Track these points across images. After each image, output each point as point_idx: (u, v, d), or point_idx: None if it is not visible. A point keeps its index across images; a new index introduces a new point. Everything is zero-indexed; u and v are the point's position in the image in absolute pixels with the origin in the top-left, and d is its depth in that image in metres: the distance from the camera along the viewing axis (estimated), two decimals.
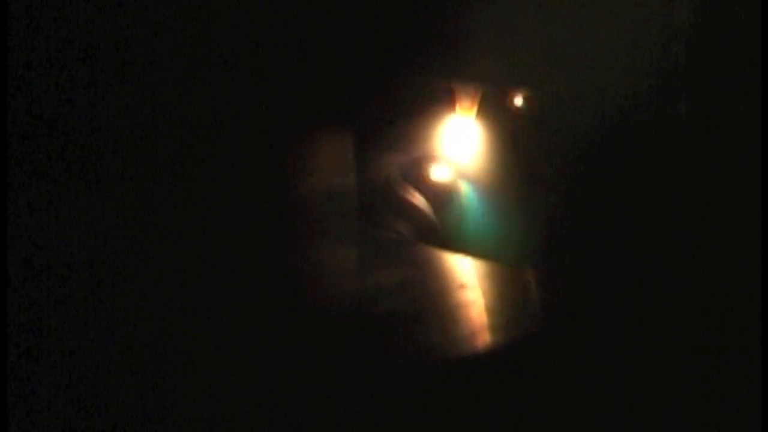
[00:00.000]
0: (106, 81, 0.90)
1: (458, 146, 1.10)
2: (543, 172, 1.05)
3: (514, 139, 1.07)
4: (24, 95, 0.86)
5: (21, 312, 0.80)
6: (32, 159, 0.87)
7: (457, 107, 1.09)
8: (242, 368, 0.80)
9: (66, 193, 0.88)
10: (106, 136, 0.90)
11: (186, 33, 0.92)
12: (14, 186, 0.83)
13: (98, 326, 0.82)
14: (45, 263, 0.86)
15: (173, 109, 0.93)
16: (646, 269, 0.95)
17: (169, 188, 0.92)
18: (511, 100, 1.07)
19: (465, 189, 1.10)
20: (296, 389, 0.79)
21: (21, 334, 0.78)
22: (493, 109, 1.08)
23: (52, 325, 0.82)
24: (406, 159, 1.10)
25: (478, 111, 1.09)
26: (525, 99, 1.06)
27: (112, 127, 0.90)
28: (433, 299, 0.95)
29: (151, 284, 0.88)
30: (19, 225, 0.84)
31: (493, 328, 0.91)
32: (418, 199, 1.09)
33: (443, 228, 1.09)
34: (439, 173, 1.10)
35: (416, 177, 1.10)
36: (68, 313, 0.83)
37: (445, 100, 1.09)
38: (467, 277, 1.01)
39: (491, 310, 0.95)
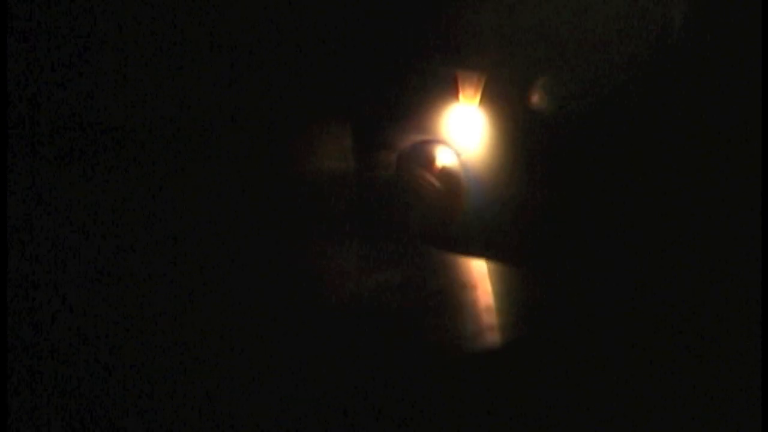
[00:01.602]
0: (107, 76, 0.90)
1: (461, 134, 1.09)
2: (543, 164, 1.04)
3: (517, 129, 1.06)
4: (24, 91, 0.86)
5: (21, 311, 0.81)
6: (33, 155, 0.87)
7: (461, 95, 1.09)
8: (240, 367, 0.80)
9: (67, 187, 0.88)
10: (106, 131, 0.90)
11: (186, 20, 0.92)
12: (14, 183, 0.83)
13: (98, 325, 0.83)
14: (45, 262, 0.86)
15: (172, 102, 0.93)
16: (646, 269, 0.94)
17: (166, 186, 0.92)
18: (515, 89, 1.06)
19: (468, 177, 1.09)
20: (294, 389, 0.79)
21: (21, 334, 0.79)
22: (496, 97, 1.07)
23: (52, 323, 0.82)
24: (409, 148, 1.10)
25: (481, 99, 1.08)
26: (529, 88, 1.05)
27: (112, 121, 0.90)
28: (434, 299, 0.95)
29: (149, 282, 0.88)
30: (19, 223, 0.84)
31: (494, 327, 0.91)
32: (425, 186, 1.07)
33: (449, 216, 1.08)
34: (442, 161, 1.09)
35: (421, 166, 1.09)
36: (69, 312, 0.83)
37: (448, 88, 1.08)
38: (468, 277, 1.01)
39: (492, 310, 0.94)
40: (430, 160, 1.08)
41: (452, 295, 0.96)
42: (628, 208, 0.97)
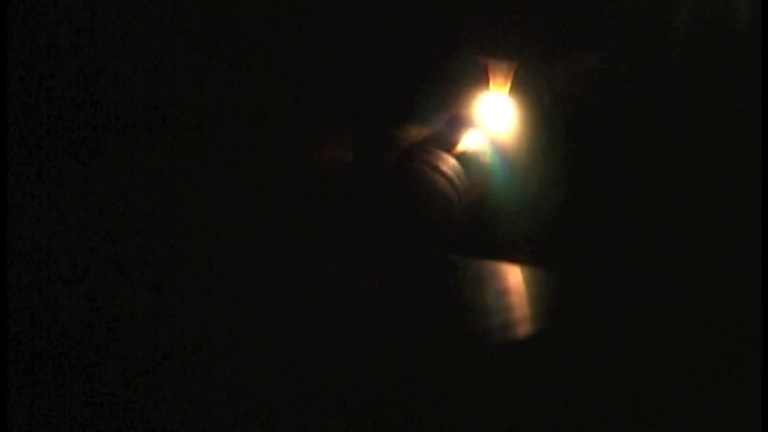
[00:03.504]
0: (109, 70, 0.90)
1: (490, 123, 1.07)
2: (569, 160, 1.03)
3: (544, 118, 1.04)
4: (24, 83, 0.86)
5: (22, 309, 0.80)
6: (31, 149, 0.87)
7: (491, 84, 1.05)
8: (239, 367, 0.80)
9: (68, 180, 0.88)
10: (112, 125, 0.90)
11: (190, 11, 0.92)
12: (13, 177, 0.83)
13: (98, 322, 0.82)
14: (46, 257, 0.86)
15: (175, 96, 0.92)
16: (652, 269, 0.95)
17: (167, 180, 0.92)
18: (544, 78, 1.03)
19: (492, 162, 1.08)
20: (296, 389, 0.79)
21: (21, 332, 0.78)
22: (526, 86, 1.05)
23: (53, 321, 0.82)
24: (434, 132, 1.08)
25: (512, 87, 1.06)
26: (557, 77, 1.03)
27: (113, 114, 0.90)
28: (438, 299, 0.95)
29: (149, 279, 0.88)
30: (19, 218, 0.84)
31: (499, 327, 0.91)
32: (449, 163, 1.06)
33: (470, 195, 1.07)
34: (467, 144, 1.07)
35: (445, 146, 1.07)
36: (71, 308, 0.83)
37: (479, 76, 1.07)
38: (474, 276, 1.01)
39: (497, 310, 0.95)
40: (455, 143, 1.05)
41: (457, 295, 0.97)
42: (632, 211, 0.97)
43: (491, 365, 0.84)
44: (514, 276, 1.03)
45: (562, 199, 1.01)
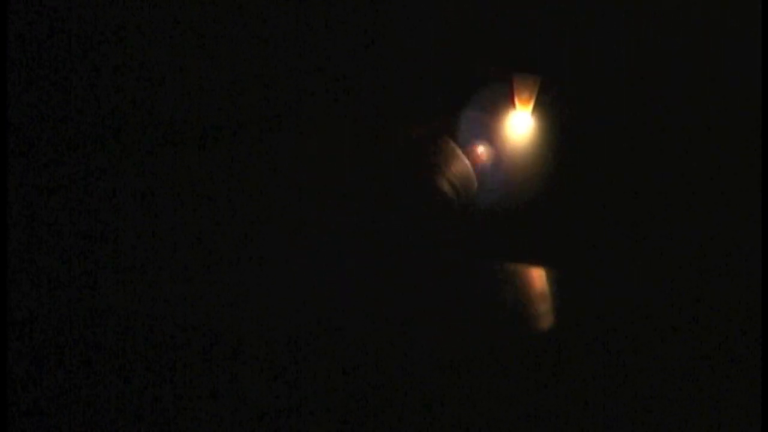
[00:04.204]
0: (109, 73, 0.90)
1: (511, 140, 1.06)
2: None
3: (547, 120, 1.03)
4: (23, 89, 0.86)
5: (22, 308, 0.80)
6: (31, 153, 0.87)
7: (516, 101, 1.03)
8: (241, 366, 0.80)
9: (66, 185, 0.88)
10: (111, 124, 0.90)
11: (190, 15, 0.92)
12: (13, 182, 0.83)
13: (98, 324, 0.82)
14: (45, 259, 0.86)
15: (174, 100, 0.92)
16: (651, 269, 0.95)
17: (166, 184, 0.92)
18: (569, 94, 1.01)
19: (494, 161, 1.07)
20: (295, 390, 0.79)
21: (22, 332, 0.78)
22: (550, 103, 1.03)
23: (53, 321, 0.82)
24: (436, 131, 1.07)
25: (536, 105, 1.03)
26: (583, 93, 1.01)
27: (114, 114, 0.90)
28: (437, 298, 0.95)
29: (148, 279, 0.88)
30: (20, 219, 0.84)
31: (499, 326, 0.91)
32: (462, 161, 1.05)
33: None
34: (470, 143, 1.07)
35: (447, 145, 1.06)
36: (71, 308, 0.83)
37: (502, 93, 1.04)
38: (474, 276, 1.01)
39: (498, 309, 0.94)
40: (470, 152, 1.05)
41: (457, 294, 0.96)
42: (636, 213, 0.97)
43: (491, 365, 0.84)
44: (514, 276, 1.03)
45: (564, 199, 1.01)
